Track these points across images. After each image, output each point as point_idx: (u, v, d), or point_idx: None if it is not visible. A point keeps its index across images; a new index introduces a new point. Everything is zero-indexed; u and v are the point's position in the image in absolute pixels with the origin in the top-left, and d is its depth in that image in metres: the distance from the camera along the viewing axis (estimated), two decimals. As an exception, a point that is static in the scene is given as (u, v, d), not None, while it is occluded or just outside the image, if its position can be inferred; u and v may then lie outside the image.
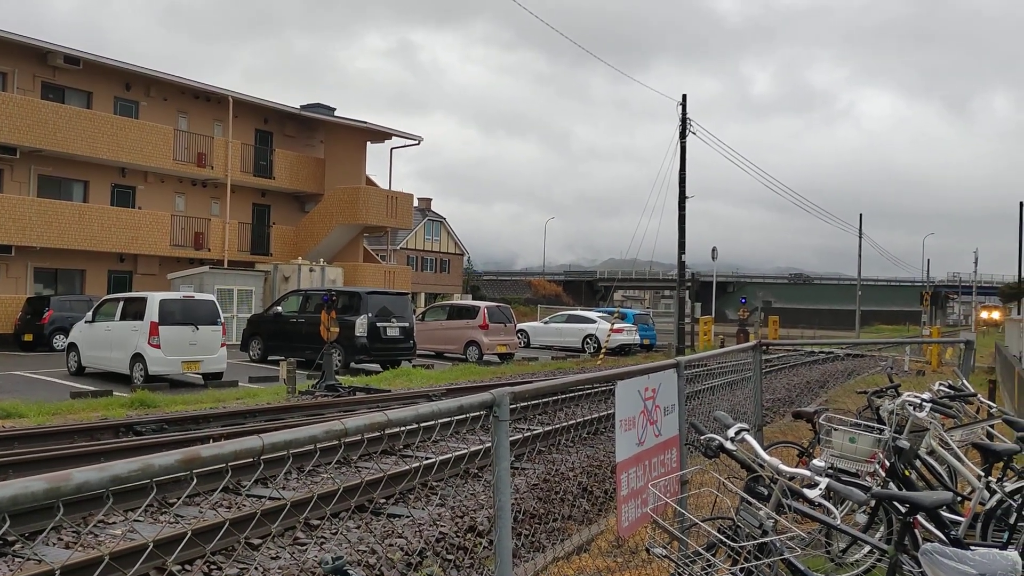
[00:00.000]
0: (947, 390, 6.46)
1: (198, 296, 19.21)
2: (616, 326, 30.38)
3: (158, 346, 16.91)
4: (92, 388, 15.92)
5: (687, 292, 35.17)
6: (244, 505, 7.60)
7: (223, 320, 18.44)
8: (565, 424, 11.03)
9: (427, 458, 9.04)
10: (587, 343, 32.21)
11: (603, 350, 28.88)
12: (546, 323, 35.56)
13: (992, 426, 6.51)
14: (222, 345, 18.04)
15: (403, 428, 2.95)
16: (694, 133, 31.23)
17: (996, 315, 64.46)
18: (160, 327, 16.93)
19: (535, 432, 10.27)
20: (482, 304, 28.06)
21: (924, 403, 5.53)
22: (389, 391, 16.15)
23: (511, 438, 10.15)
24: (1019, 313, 25.85)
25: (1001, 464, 5.31)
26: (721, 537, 3.53)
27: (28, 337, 25.02)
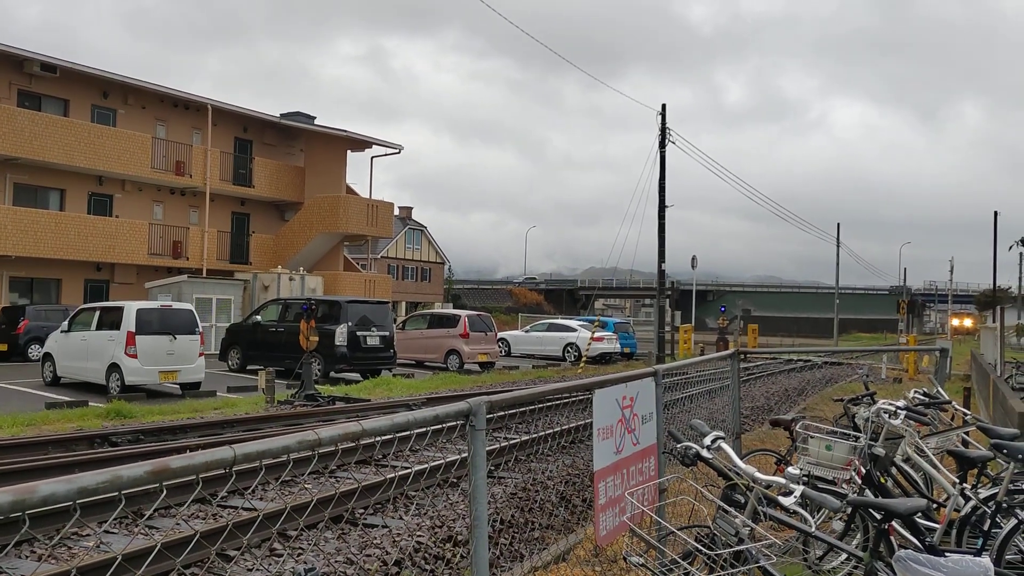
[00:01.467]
0: (922, 398, 6.52)
1: (176, 305, 19.05)
2: (596, 335, 30.44)
3: (135, 356, 16.75)
4: (67, 398, 15.73)
5: (667, 301, 35.31)
6: (221, 516, 7.53)
7: (201, 329, 18.30)
8: (544, 433, 11.02)
9: (404, 467, 9.00)
10: (568, 352, 32.24)
11: (583, 359, 28.91)
12: (527, 332, 35.56)
13: (967, 433, 6.58)
14: (200, 355, 17.90)
15: (378, 438, 2.94)
16: (673, 143, 31.43)
17: (968, 322, 65.39)
18: (137, 336, 16.78)
19: (512, 441, 10.26)
20: (463, 313, 28.03)
21: (899, 411, 5.58)
22: (369, 400, 16.08)
23: (490, 447, 10.13)
24: (994, 321, 26.14)
25: (976, 471, 5.36)
26: (697, 545, 3.54)
27: (3, 347, 24.69)
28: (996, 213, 52.02)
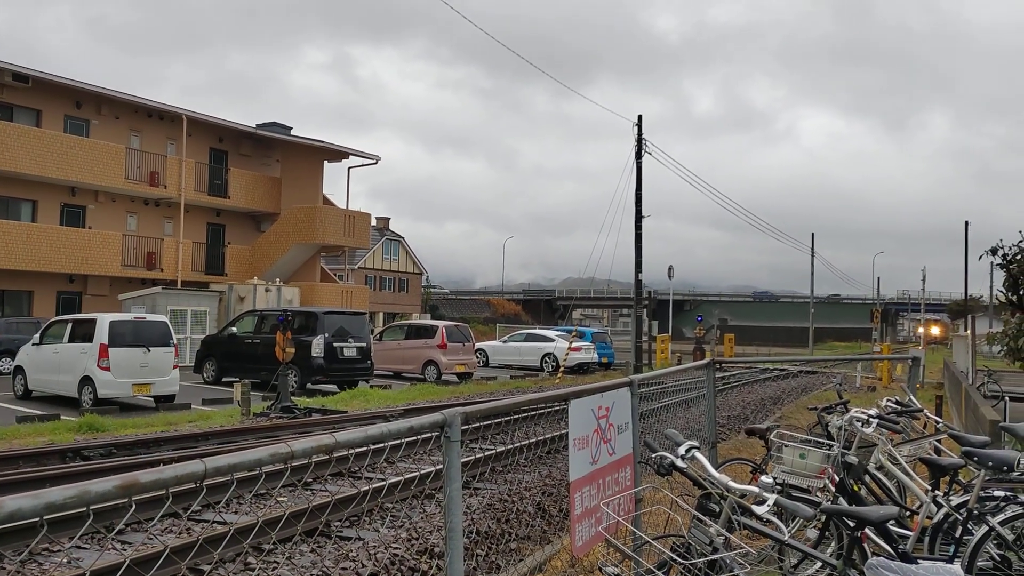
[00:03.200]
0: (894, 406, 6.58)
1: (150, 317, 18.87)
2: (574, 344, 30.48)
3: (108, 368, 16.56)
4: (39, 412, 15.52)
5: (644, 310, 35.44)
6: (194, 531, 7.46)
7: (175, 341, 18.12)
8: (521, 444, 11.00)
9: (380, 479, 8.96)
10: (545, 362, 32.26)
11: (561, 369, 28.93)
12: (505, 342, 35.53)
13: (939, 441, 6.64)
14: (174, 367, 17.73)
15: (352, 451, 2.93)
16: (649, 153, 31.59)
17: (936, 330, 66.29)
18: (110, 349, 16.60)
19: (488, 453, 10.24)
20: (440, 323, 27.98)
21: (871, 419, 5.63)
22: (346, 412, 15.99)
23: (466, 458, 10.07)
24: (966, 330, 26.48)
25: (947, 478, 5.42)
26: (673, 555, 3.55)
27: (-28, 360, 24.31)
28: (967, 223, 52.76)
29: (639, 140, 31.55)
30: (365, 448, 9.61)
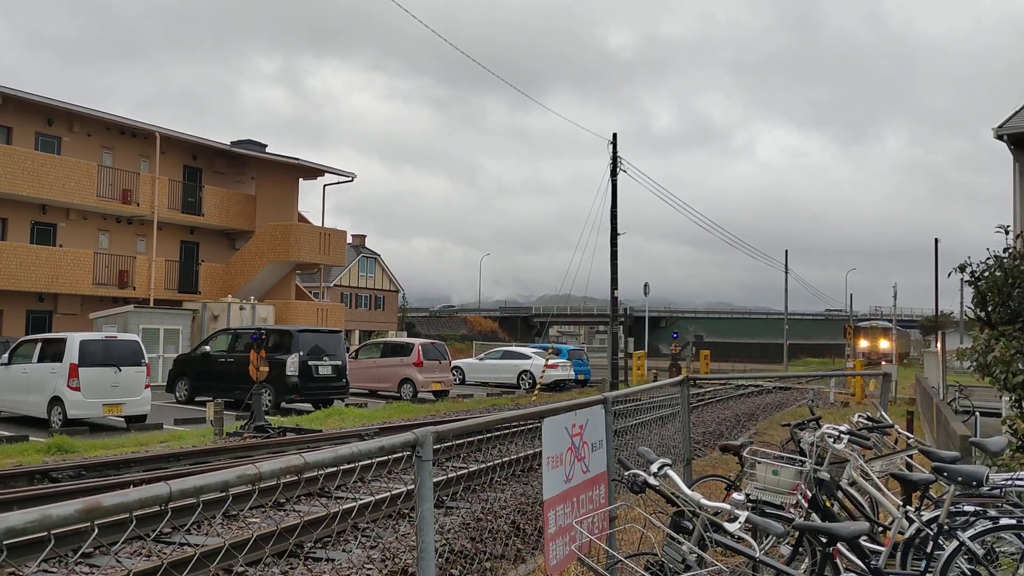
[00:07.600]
0: (866, 422, 6.64)
1: (121, 336, 18.64)
2: (550, 362, 30.48)
3: (78, 388, 16.32)
4: (7, 433, 15.26)
5: (620, 327, 35.54)
6: (164, 553, 7.34)
7: (147, 360, 17.91)
8: (496, 462, 10.96)
9: (355, 499, 8.87)
10: (522, 379, 32.23)
11: (538, 386, 28.91)
12: (481, 360, 35.48)
13: (911, 456, 6.70)
14: (146, 386, 17.51)
15: (321, 471, 2.90)
16: (624, 171, 31.79)
17: (880, 343, 62.89)
18: (80, 369, 16.37)
19: (462, 472, 10.18)
20: (416, 341, 27.89)
21: (842, 435, 5.66)
22: (320, 431, 15.87)
23: (440, 477, 9.99)
24: (936, 346, 26.77)
25: (919, 493, 5.46)
26: (645, 574, 3.54)
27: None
28: (937, 240, 53.46)
29: (614, 158, 31.75)
30: (336, 468, 9.54)
